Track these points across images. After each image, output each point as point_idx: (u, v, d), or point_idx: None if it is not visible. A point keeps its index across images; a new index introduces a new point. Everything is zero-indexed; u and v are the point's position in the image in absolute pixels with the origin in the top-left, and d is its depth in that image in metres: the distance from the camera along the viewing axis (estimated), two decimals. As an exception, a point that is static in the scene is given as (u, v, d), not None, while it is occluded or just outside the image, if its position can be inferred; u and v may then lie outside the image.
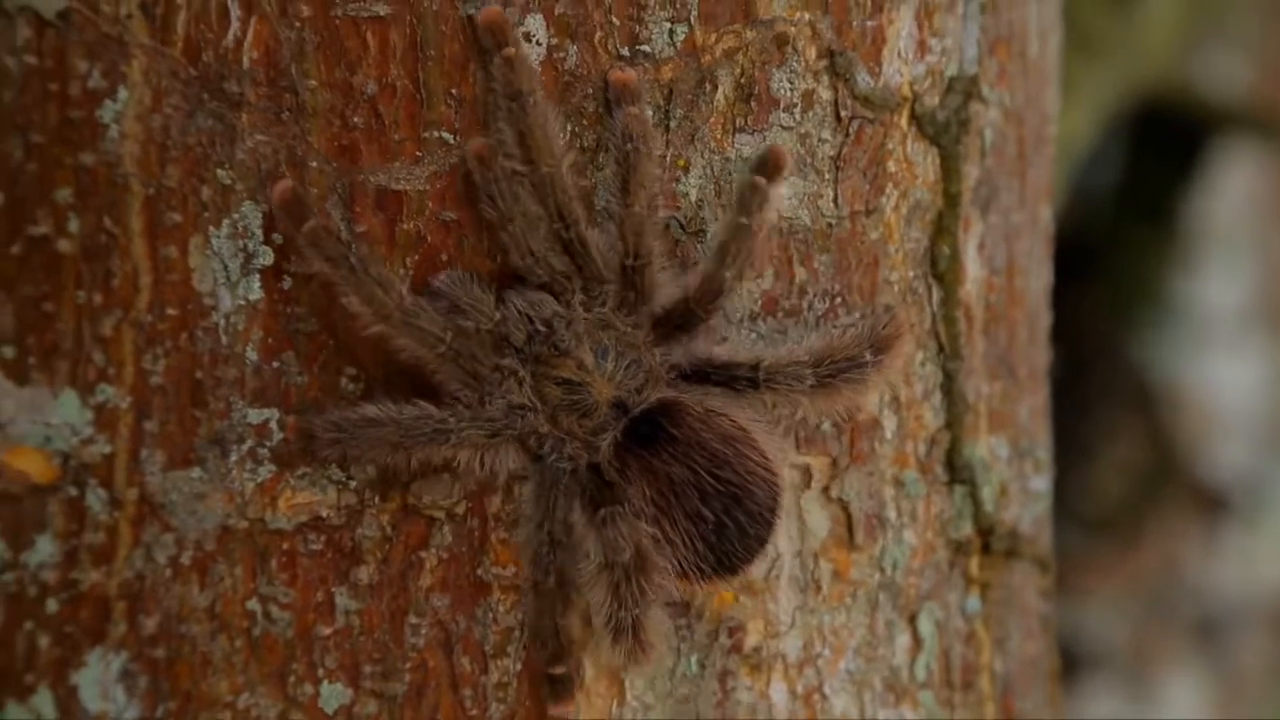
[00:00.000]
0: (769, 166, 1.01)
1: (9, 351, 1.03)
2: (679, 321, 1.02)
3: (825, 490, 1.07)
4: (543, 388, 1.01)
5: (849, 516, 1.08)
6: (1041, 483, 1.17)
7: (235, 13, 1.00)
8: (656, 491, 1.01)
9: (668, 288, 1.02)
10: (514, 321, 1.01)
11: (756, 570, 1.05)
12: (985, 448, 1.12)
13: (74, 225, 1.02)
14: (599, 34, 1.01)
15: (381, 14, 1.00)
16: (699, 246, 1.04)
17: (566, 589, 1.02)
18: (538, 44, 1.01)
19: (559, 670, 1.04)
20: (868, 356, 1.03)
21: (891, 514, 1.09)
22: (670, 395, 1.02)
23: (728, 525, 1.01)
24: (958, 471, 1.11)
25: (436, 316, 0.99)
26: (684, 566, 1.01)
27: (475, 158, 1.00)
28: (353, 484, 1.02)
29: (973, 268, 1.11)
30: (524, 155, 1.00)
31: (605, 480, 1.01)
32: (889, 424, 1.09)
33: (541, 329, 1.01)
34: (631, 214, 1.00)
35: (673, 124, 1.03)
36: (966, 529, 1.11)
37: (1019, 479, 1.14)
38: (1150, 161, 2.44)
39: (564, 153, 1.00)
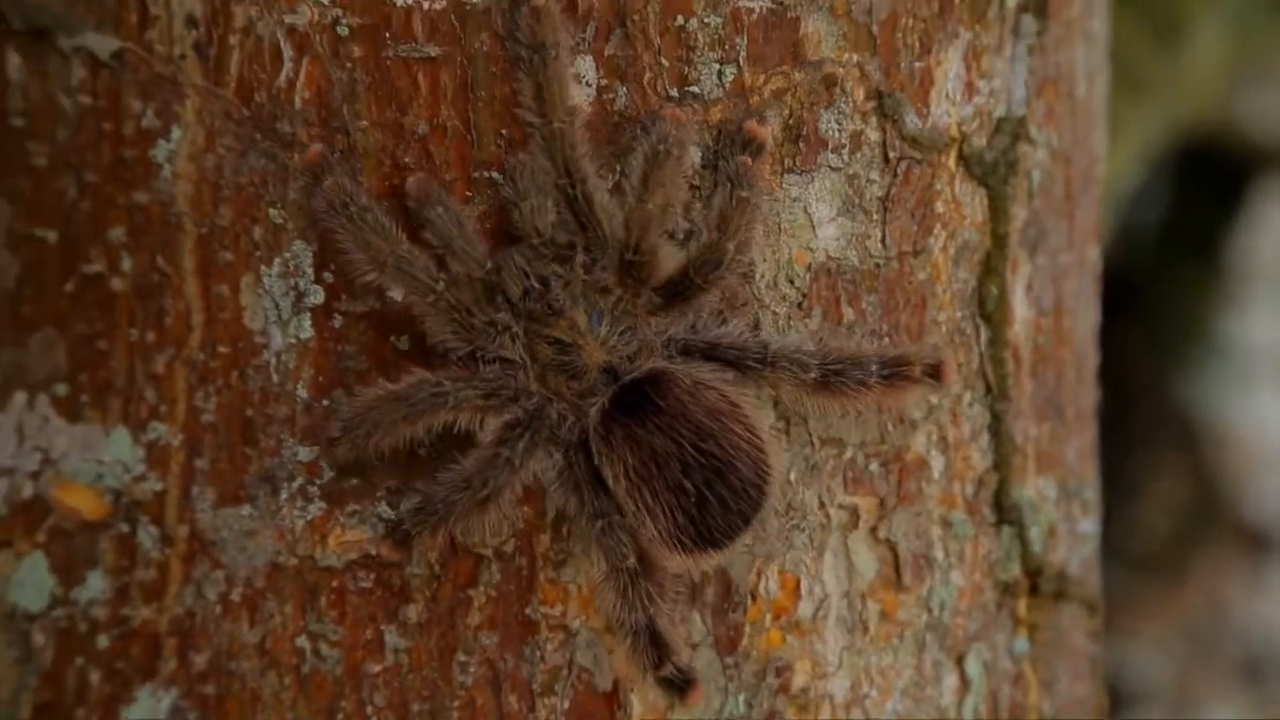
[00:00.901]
0: (751, 145, 1.01)
1: (62, 389, 1.04)
2: (677, 289, 1.01)
3: (873, 531, 1.07)
4: (534, 345, 1.01)
5: (896, 557, 1.08)
6: (1089, 524, 1.16)
7: (288, 54, 1.01)
8: (639, 461, 1.00)
9: (667, 263, 1.01)
10: (510, 274, 1.00)
11: (739, 544, 1.03)
12: (1033, 489, 1.12)
13: (127, 264, 1.03)
14: (648, 75, 1.01)
15: (433, 55, 1.01)
16: (747, 287, 1.04)
17: (488, 505, 1.01)
18: (587, 85, 1.01)
19: (413, 534, 1.02)
20: (873, 369, 1.02)
21: (939, 555, 1.09)
22: (661, 365, 1.01)
23: (709, 499, 1.00)
24: (1006, 512, 1.11)
25: (430, 264, 0.99)
26: (664, 536, 1.00)
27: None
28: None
29: (1021, 308, 1.11)
30: (538, 108, 0.99)
31: (587, 450, 1.00)
32: (936, 464, 1.09)
33: (536, 285, 1.01)
34: (642, 209, 0.99)
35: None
36: (1014, 570, 1.11)
37: (1067, 520, 1.14)
38: (1195, 199, 2.44)
39: (579, 111, 1.00)
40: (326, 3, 1.00)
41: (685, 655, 1.03)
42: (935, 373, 1.04)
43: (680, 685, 1.02)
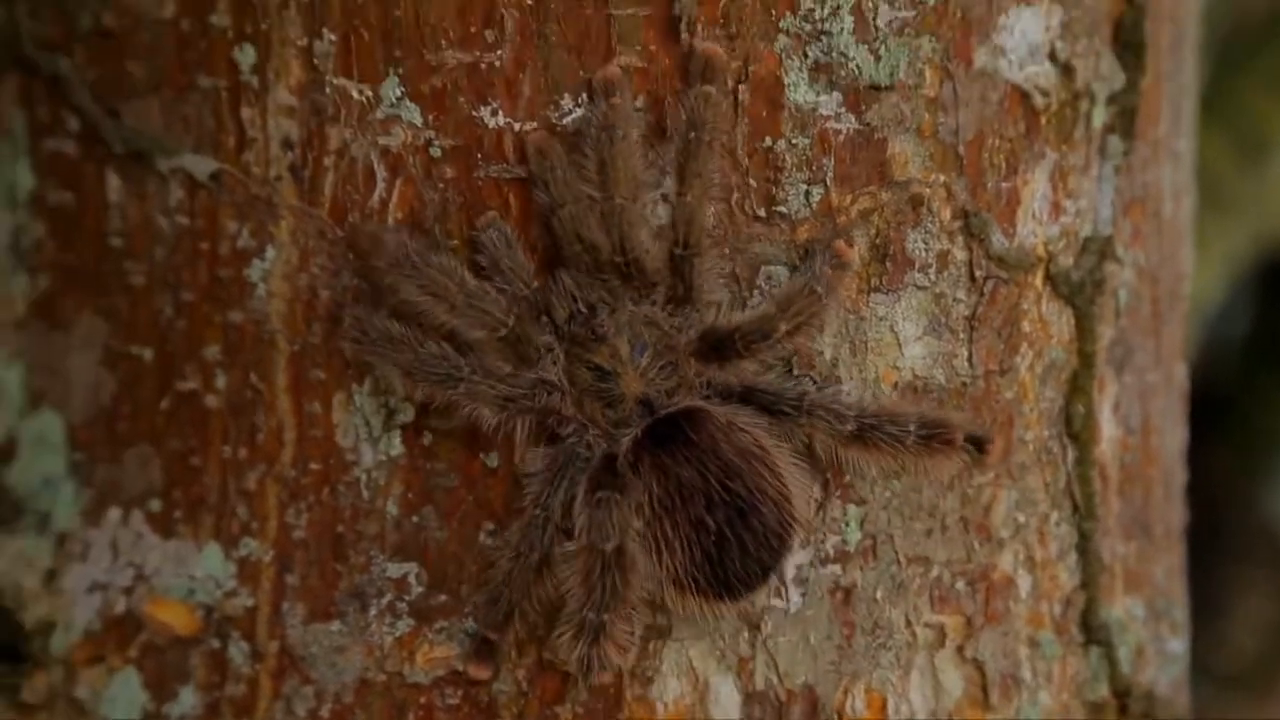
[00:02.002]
0: (836, 262, 1.01)
1: (156, 505, 1.05)
2: (717, 346, 1.01)
3: (960, 650, 1.07)
4: (574, 369, 1.01)
5: (984, 676, 1.07)
6: (1178, 644, 1.16)
7: (381, 174, 1.02)
8: (664, 490, 0.99)
9: (717, 294, 1.01)
10: (558, 295, 1.01)
11: (758, 600, 1.02)
12: (1121, 608, 1.11)
13: (221, 381, 1.04)
14: (736, 194, 1.02)
15: (523, 175, 1.02)
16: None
17: (540, 573, 1.00)
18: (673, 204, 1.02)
19: (493, 636, 1.02)
20: (911, 428, 1.01)
21: (1027, 674, 1.08)
22: (698, 404, 1.01)
23: (729, 539, 0.99)
24: (1094, 632, 1.10)
25: (501, 302, 0.99)
26: (679, 573, 0.99)
27: (535, 149, 1.00)
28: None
29: (1108, 427, 1.10)
30: (600, 182, 0.99)
31: (616, 473, 1.00)
32: (1024, 583, 1.08)
33: (583, 310, 1.01)
34: (684, 203, 0.99)
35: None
36: (1102, 691, 1.11)
37: (1156, 640, 1.13)
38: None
39: (642, 191, 1.00)
40: (420, 125, 1.01)
41: (614, 673, 1.02)
42: (979, 445, 1.03)
43: None
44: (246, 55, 1.02)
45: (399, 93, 1.01)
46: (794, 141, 1.02)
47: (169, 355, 1.05)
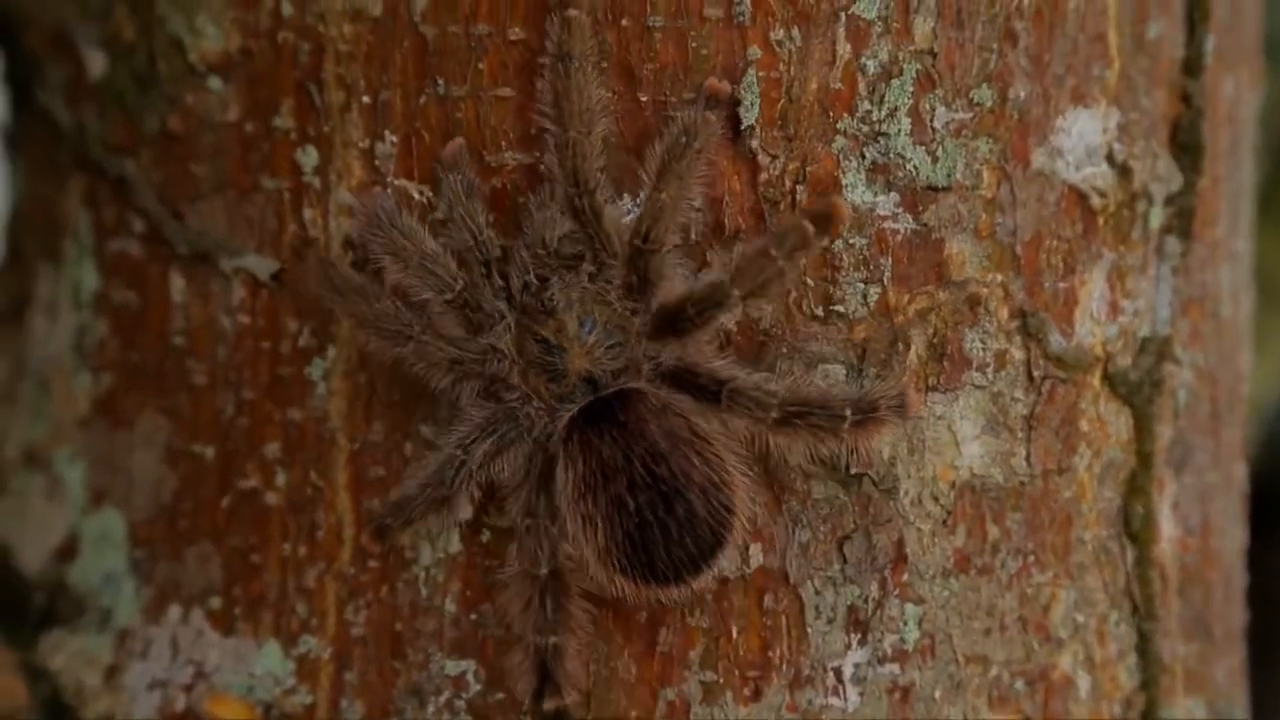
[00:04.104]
0: (826, 221, 0.99)
1: (216, 602, 1.06)
2: (671, 319, 1.00)
3: (1019, 751, 1.07)
4: (523, 340, 1.00)
5: (1044, 777, 1.07)
6: (1240, 746, 1.15)
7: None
8: (588, 469, 0.98)
9: (676, 284, 1.00)
10: (515, 265, 1.00)
11: (694, 586, 1.00)
12: (1182, 709, 1.10)
13: (281, 479, 1.05)
14: (794, 294, 1.03)
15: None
16: (891, 504, 1.04)
17: (442, 505, 1.00)
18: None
19: (392, 533, 1.02)
20: (848, 414, 0.99)
21: (1087, 776, 1.08)
22: (638, 386, 1.00)
23: (650, 523, 0.98)
24: (1154, 733, 1.10)
25: (452, 265, 0.99)
26: (601, 551, 0.98)
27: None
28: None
29: (1167, 527, 1.10)
30: (556, 115, 0.99)
31: (549, 453, 0.99)
32: (1083, 684, 1.08)
33: (535, 281, 1.00)
34: (656, 198, 0.98)
35: (865, 383, 1.04)
36: (1164, 792, 1.10)
37: (1217, 742, 1.13)
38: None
39: (596, 123, 0.99)
40: (480, 225, 1.02)
41: (571, 698, 1.01)
42: (900, 404, 1.00)
43: None
44: (309, 157, 1.04)
45: (460, 194, 1.02)
46: (851, 241, 1.02)
47: (230, 453, 1.06)
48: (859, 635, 1.03)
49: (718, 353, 1.02)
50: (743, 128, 1.01)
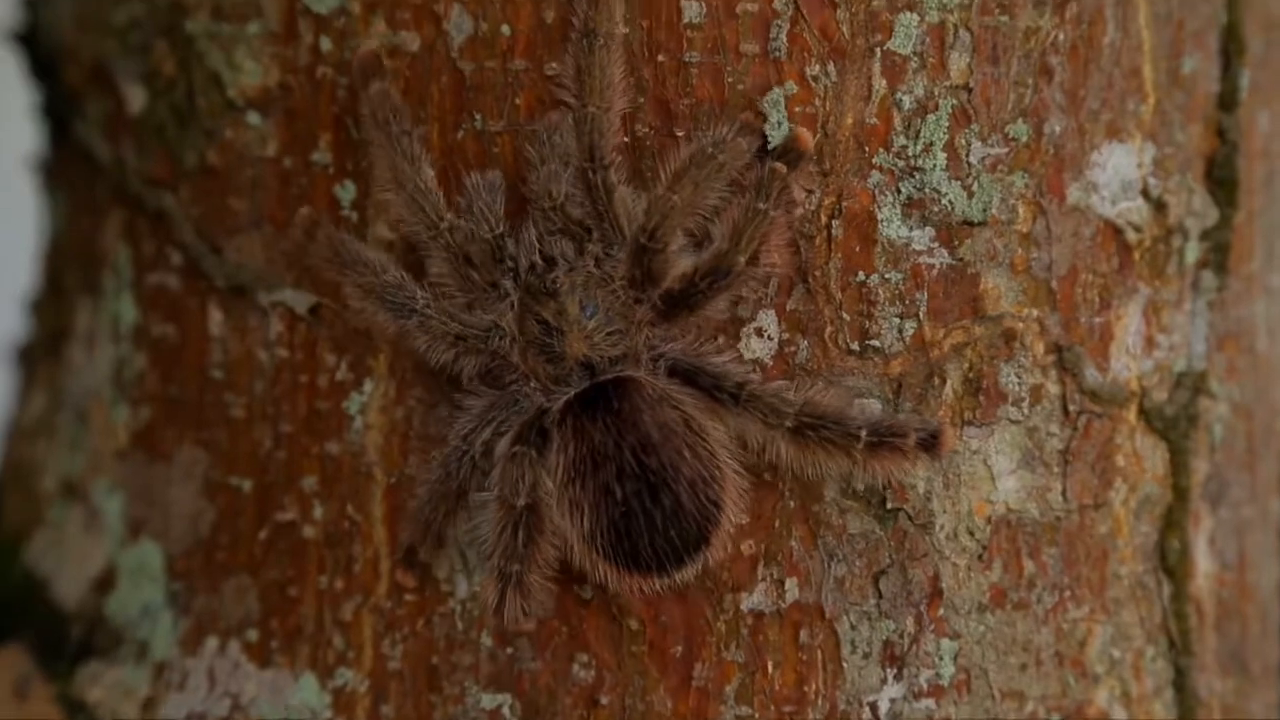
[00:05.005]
0: (791, 153, 0.99)
1: (253, 635, 1.06)
2: (680, 296, 0.99)
3: (1055, 787, 1.06)
4: (525, 320, 1.00)
5: (1080, 814, 1.07)
6: (1277, 782, 1.14)
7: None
8: (578, 454, 0.98)
9: (678, 268, 1.00)
10: (524, 245, 1.00)
11: (676, 578, 1.00)
12: (1219, 745, 1.10)
13: (318, 512, 1.05)
14: (829, 329, 1.03)
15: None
16: (927, 538, 1.04)
17: (457, 501, 1.01)
18: (769, 339, 1.03)
19: (419, 555, 1.03)
20: (862, 435, 0.99)
21: (1123, 812, 1.07)
22: (634, 375, 1.00)
23: (636, 512, 0.98)
24: (1191, 769, 1.09)
25: (442, 202, 0.99)
26: (585, 536, 0.98)
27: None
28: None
29: (1204, 562, 1.10)
30: (576, 89, 0.99)
31: (542, 429, 0.99)
32: (1119, 719, 1.07)
33: (540, 262, 1.00)
34: (666, 198, 0.98)
35: (901, 416, 1.04)
36: (1200, 828, 1.10)
37: (1254, 778, 1.12)
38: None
39: (616, 101, 0.99)
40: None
41: (529, 626, 1.02)
42: (932, 443, 1.00)
43: None
44: (347, 191, 1.04)
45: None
46: (887, 276, 1.03)
47: (268, 486, 1.06)
48: (895, 670, 1.03)
49: (718, 351, 1.02)
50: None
